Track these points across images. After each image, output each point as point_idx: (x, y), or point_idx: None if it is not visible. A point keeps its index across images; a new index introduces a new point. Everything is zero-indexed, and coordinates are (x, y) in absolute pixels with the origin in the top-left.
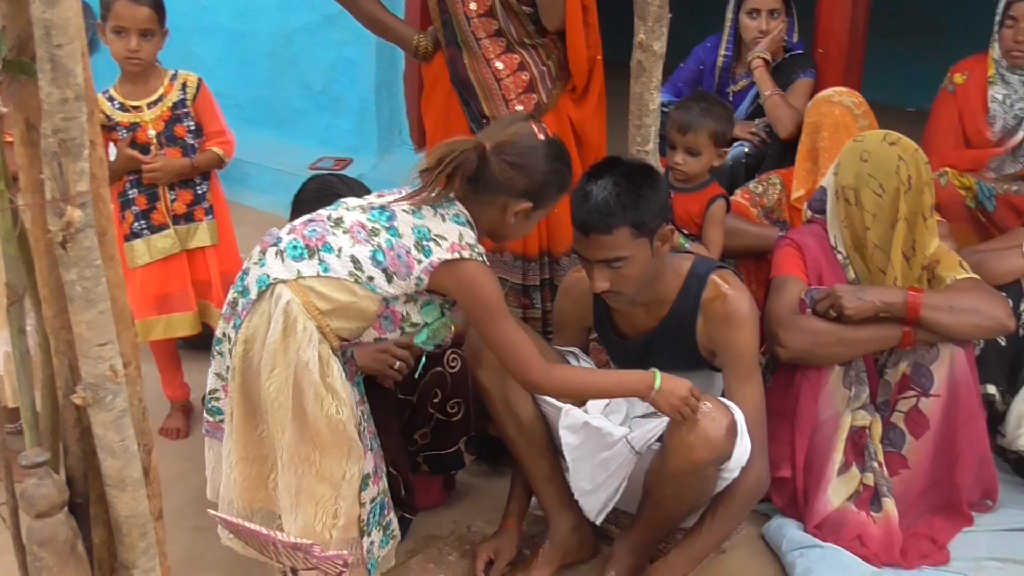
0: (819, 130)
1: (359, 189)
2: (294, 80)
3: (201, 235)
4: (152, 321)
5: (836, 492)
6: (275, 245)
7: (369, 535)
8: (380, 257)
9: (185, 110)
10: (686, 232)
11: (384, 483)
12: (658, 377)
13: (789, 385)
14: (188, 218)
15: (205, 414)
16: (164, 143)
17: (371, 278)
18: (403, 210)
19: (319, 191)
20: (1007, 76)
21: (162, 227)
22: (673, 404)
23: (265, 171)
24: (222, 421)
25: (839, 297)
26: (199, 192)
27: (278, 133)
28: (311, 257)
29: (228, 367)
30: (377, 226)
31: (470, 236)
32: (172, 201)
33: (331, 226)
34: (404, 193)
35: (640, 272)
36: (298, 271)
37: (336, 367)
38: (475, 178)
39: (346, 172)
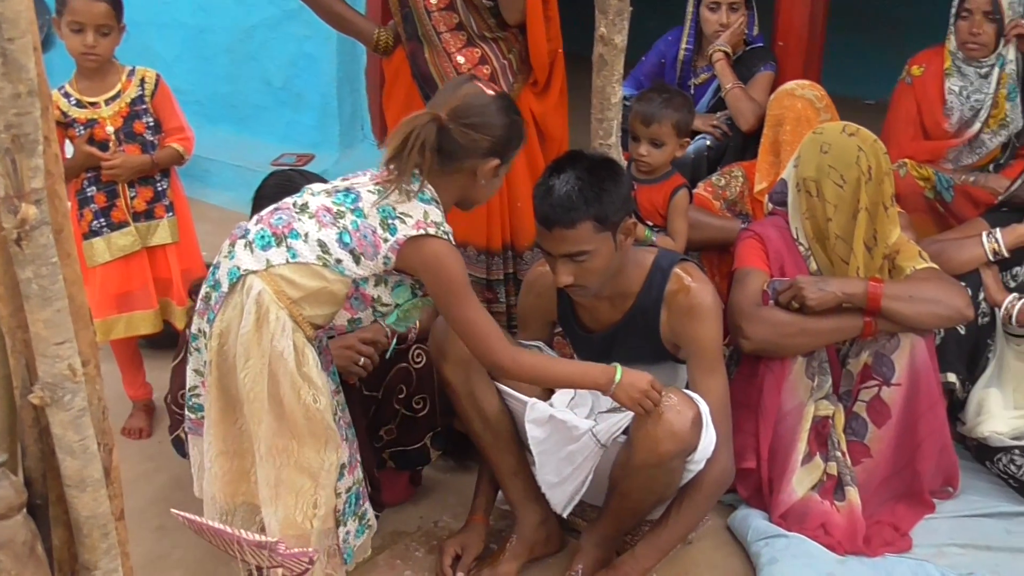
0: (781, 123)
1: (319, 184)
2: (254, 76)
3: (162, 232)
4: (113, 320)
5: (800, 482)
6: (244, 237)
7: (345, 525)
8: (347, 239)
9: (144, 106)
10: (651, 224)
11: (360, 472)
12: (619, 371)
13: (753, 376)
14: (148, 215)
15: (187, 411)
16: (123, 140)
17: (339, 260)
18: (368, 191)
19: (279, 186)
20: (963, 68)
21: (122, 224)
22: (634, 397)
23: (226, 168)
24: (203, 418)
25: (801, 288)
26: (159, 189)
27: (239, 129)
28: (279, 245)
29: (206, 362)
30: (343, 208)
31: (436, 214)
32: (132, 198)
33: (296, 212)
34: (369, 176)
35: (603, 266)
36: (267, 260)
37: (311, 356)
38: (438, 149)
39: (308, 168)
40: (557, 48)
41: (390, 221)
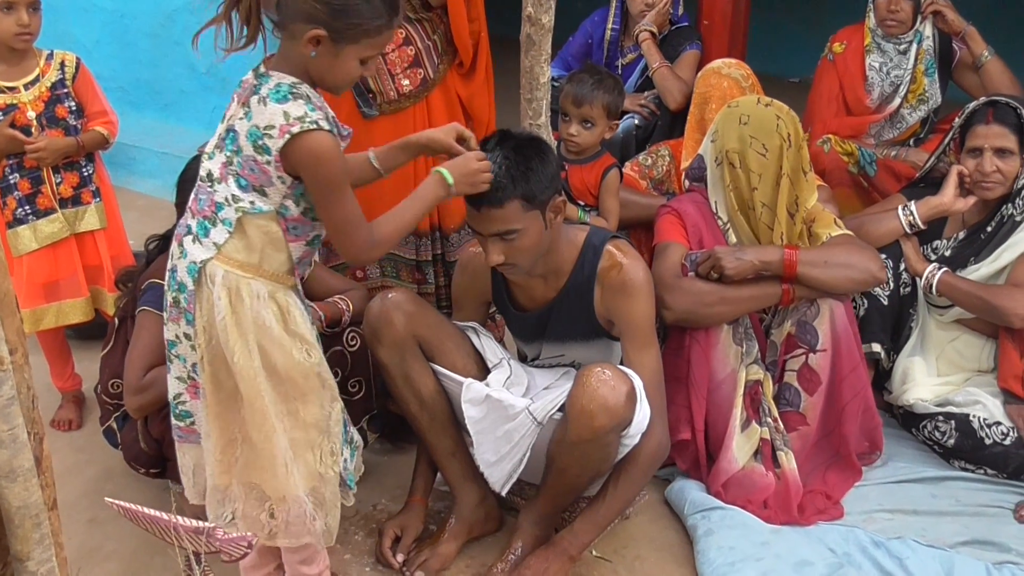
0: (708, 102)
1: (211, 140)
2: (178, 61)
3: (90, 218)
4: (42, 309)
5: (740, 449)
6: (188, 234)
7: (342, 454)
8: (242, 182)
9: (65, 90)
10: (583, 203)
11: (340, 402)
12: (444, 173)
13: (681, 349)
14: (76, 201)
15: (174, 419)
16: (45, 125)
17: (252, 203)
18: (239, 119)
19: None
20: (882, 45)
21: (49, 211)
22: (475, 182)
23: (152, 155)
24: (192, 424)
25: (719, 259)
26: (85, 174)
27: (164, 116)
28: (214, 224)
29: (193, 365)
30: (230, 155)
31: (297, 108)
32: (58, 184)
33: (208, 186)
34: (235, 98)
35: (534, 244)
36: (214, 244)
37: (297, 313)
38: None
39: None
40: (480, 30)
41: (260, 142)
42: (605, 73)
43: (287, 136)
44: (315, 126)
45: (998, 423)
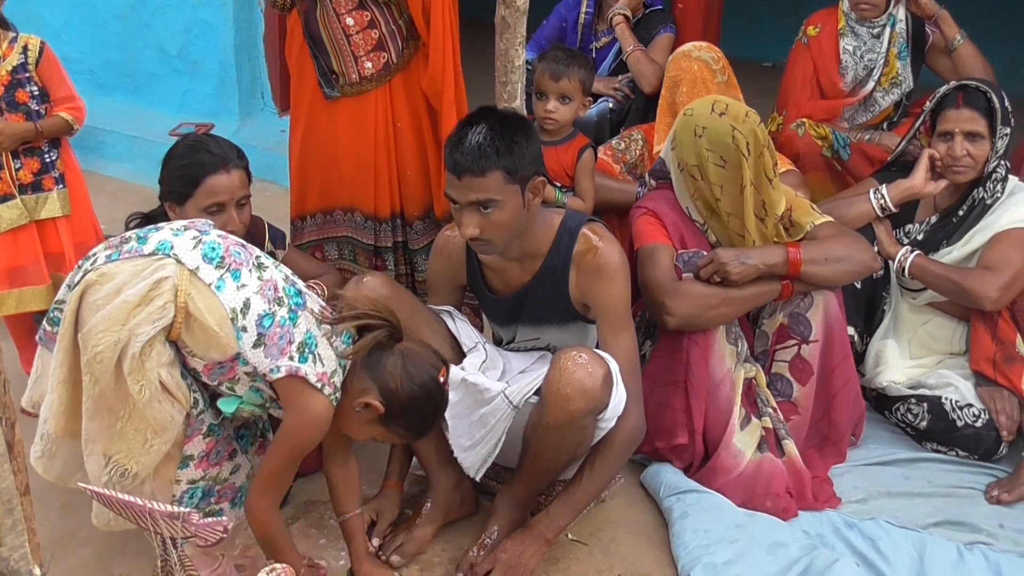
0: (678, 85)
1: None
2: (148, 43)
3: (51, 205)
4: (3, 295)
5: (744, 443)
6: (201, 232)
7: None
8: (267, 323)
9: (27, 75)
10: (559, 185)
11: (221, 472)
12: None
13: (676, 352)
14: (36, 187)
15: (44, 323)
16: (4, 109)
17: (244, 329)
18: (312, 309)
19: (191, 148)
20: (856, 28)
21: (7, 197)
22: None
23: (122, 139)
24: (57, 332)
25: (724, 264)
26: (47, 160)
27: (134, 99)
28: (218, 268)
29: (76, 283)
30: (285, 299)
31: (339, 378)
32: (17, 170)
33: (254, 264)
34: (322, 302)
35: (510, 220)
36: (198, 267)
37: (156, 354)
38: (369, 355)
39: None
40: (447, 23)
41: (307, 351)
42: (574, 51)
43: (319, 384)
44: (334, 402)
45: (970, 405)
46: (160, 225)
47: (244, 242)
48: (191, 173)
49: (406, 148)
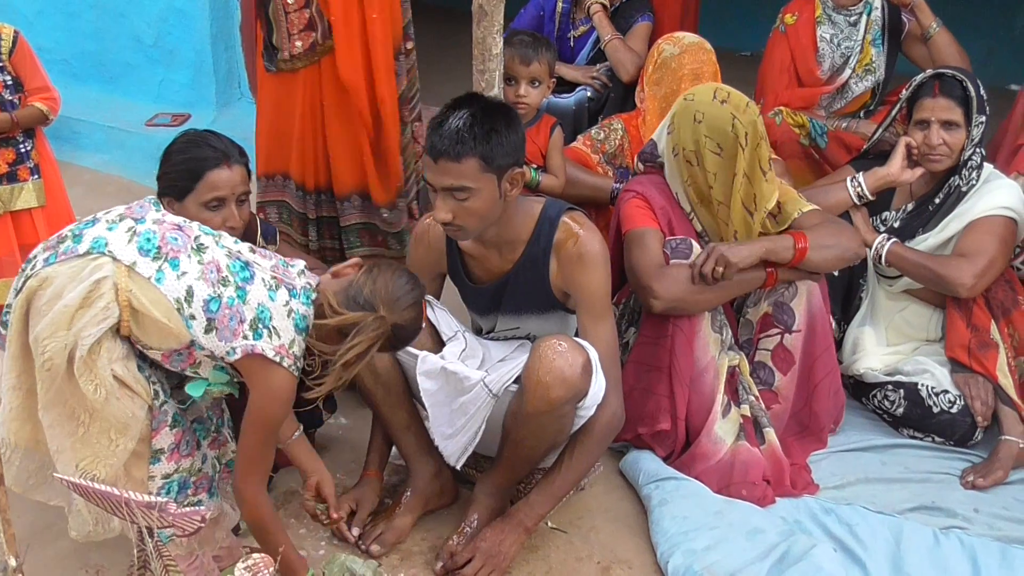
0: (699, 78)
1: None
2: (123, 33)
3: (26, 196)
4: None
5: (724, 431)
6: (136, 222)
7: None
8: (215, 307)
9: (0, 64)
10: (534, 166)
11: (194, 463)
12: None
13: (661, 338)
14: (11, 178)
15: None
16: None
17: (192, 317)
18: (262, 279)
19: (192, 142)
20: (833, 16)
21: None
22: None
23: (97, 129)
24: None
25: (727, 259)
26: (22, 151)
27: (109, 89)
28: (155, 259)
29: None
30: (230, 277)
31: (299, 346)
32: None
33: (192, 248)
34: (272, 264)
35: (484, 209)
36: (135, 262)
37: (107, 353)
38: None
39: (185, 127)
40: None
41: (260, 326)
42: (536, 35)
43: (277, 357)
44: (296, 372)
45: (945, 391)
46: (96, 216)
47: (182, 224)
48: (192, 167)
49: (334, 128)
